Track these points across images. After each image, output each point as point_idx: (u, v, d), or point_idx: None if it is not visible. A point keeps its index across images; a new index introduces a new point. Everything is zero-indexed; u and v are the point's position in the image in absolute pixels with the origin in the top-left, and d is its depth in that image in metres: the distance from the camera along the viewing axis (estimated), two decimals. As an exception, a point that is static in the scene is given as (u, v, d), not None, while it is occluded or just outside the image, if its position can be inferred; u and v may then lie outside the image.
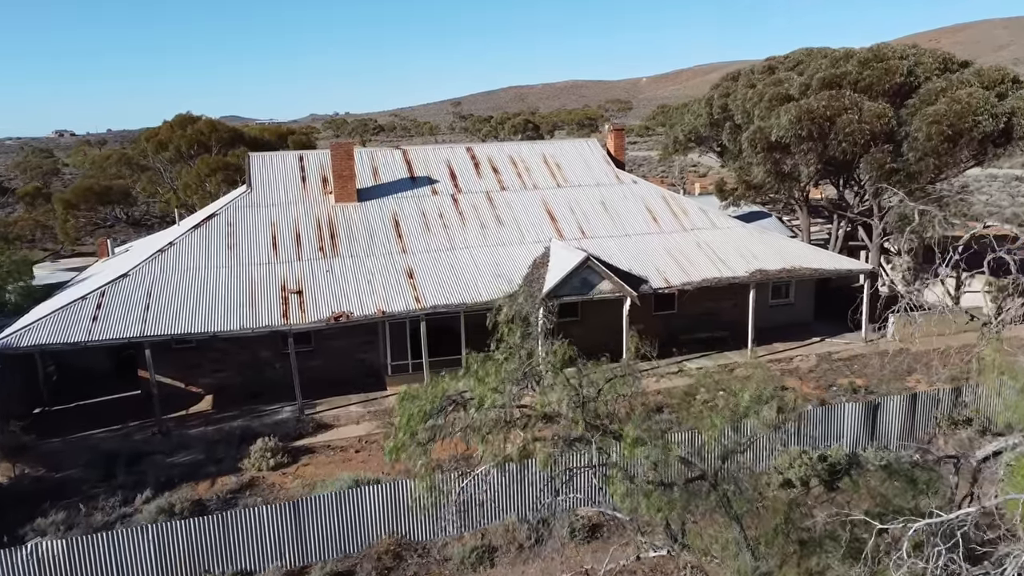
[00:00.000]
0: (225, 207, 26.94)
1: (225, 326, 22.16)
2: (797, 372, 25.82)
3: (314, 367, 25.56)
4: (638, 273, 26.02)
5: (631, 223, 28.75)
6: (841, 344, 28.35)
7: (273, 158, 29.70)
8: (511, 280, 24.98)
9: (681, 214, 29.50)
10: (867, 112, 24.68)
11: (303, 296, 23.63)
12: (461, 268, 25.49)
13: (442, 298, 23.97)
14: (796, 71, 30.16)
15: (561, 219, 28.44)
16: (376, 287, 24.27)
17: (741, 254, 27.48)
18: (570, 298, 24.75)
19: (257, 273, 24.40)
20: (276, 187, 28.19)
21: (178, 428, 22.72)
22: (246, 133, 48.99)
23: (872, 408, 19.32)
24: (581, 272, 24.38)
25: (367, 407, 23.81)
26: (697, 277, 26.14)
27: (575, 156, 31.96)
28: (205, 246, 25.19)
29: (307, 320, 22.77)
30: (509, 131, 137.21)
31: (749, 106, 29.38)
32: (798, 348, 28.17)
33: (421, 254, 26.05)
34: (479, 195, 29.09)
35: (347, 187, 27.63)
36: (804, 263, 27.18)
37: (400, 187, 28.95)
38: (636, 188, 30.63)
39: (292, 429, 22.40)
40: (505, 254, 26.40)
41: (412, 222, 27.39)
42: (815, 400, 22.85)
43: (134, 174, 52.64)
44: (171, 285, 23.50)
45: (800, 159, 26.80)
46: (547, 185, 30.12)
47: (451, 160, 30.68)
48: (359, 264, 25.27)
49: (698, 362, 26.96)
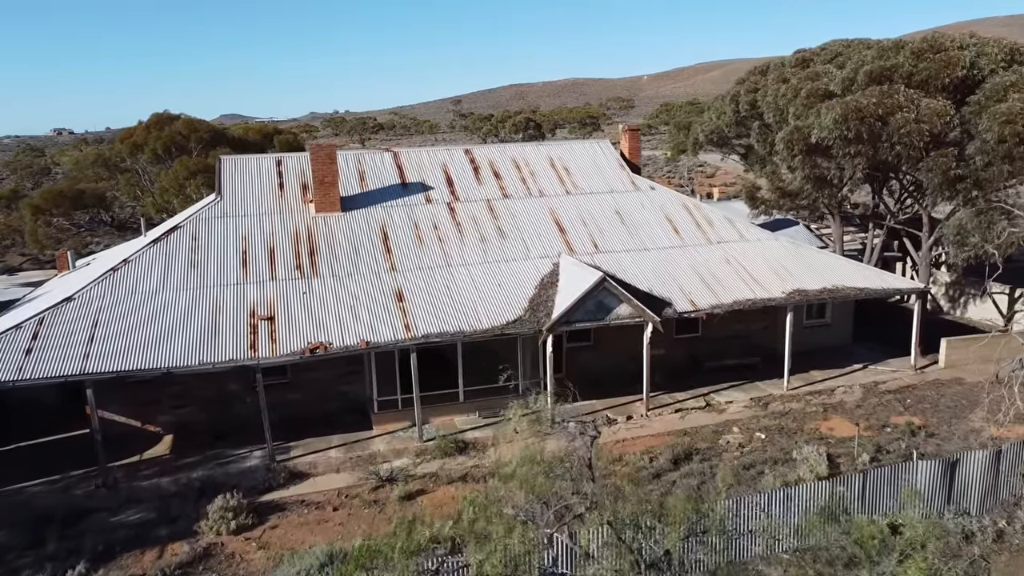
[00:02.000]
0: (190, 218, 23.72)
1: (181, 360, 18.95)
2: (842, 407, 22.60)
3: (290, 402, 22.37)
4: (660, 294, 22.80)
5: (650, 235, 25.53)
6: (887, 372, 25.12)
7: (247, 162, 26.47)
8: (515, 303, 21.77)
9: (706, 225, 26.27)
10: (925, 110, 21.44)
11: (275, 323, 20.41)
12: (458, 289, 22.27)
13: (436, 325, 20.76)
14: (834, 64, 26.90)
15: (571, 231, 25.22)
16: (360, 312, 21.05)
17: (775, 271, 24.25)
18: (583, 324, 21.55)
19: (223, 296, 21.18)
20: (249, 195, 24.96)
21: (128, 478, 19.52)
22: (228, 133, 45.77)
23: (950, 466, 16.10)
24: (596, 294, 21.17)
25: (349, 451, 20.61)
26: (727, 299, 22.91)
27: (585, 159, 28.72)
28: (164, 264, 21.97)
29: (278, 353, 19.56)
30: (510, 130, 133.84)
31: (782, 103, 26.14)
32: (839, 377, 24.95)
33: (412, 272, 22.82)
34: (479, 203, 25.87)
35: (329, 195, 24.40)
36: (847, 282, 23.95)
37: (390, 194, 25.73)
38: (654, 195, 27.40)
39: (261, 480, 19.21)
40: (508, 272, 23.18)
41: (403, 235, 24.17)
42: (868, 444, 19.65)
43: (112, 176, 49.45)
44: (121, 311, 20.28)
45: (846, 163, 23.53)
46: (555, 192, 26.90)
47: (448, 164, 27.46)
48: (341, 285, 22.06)
49: (727, 394, 23.76)
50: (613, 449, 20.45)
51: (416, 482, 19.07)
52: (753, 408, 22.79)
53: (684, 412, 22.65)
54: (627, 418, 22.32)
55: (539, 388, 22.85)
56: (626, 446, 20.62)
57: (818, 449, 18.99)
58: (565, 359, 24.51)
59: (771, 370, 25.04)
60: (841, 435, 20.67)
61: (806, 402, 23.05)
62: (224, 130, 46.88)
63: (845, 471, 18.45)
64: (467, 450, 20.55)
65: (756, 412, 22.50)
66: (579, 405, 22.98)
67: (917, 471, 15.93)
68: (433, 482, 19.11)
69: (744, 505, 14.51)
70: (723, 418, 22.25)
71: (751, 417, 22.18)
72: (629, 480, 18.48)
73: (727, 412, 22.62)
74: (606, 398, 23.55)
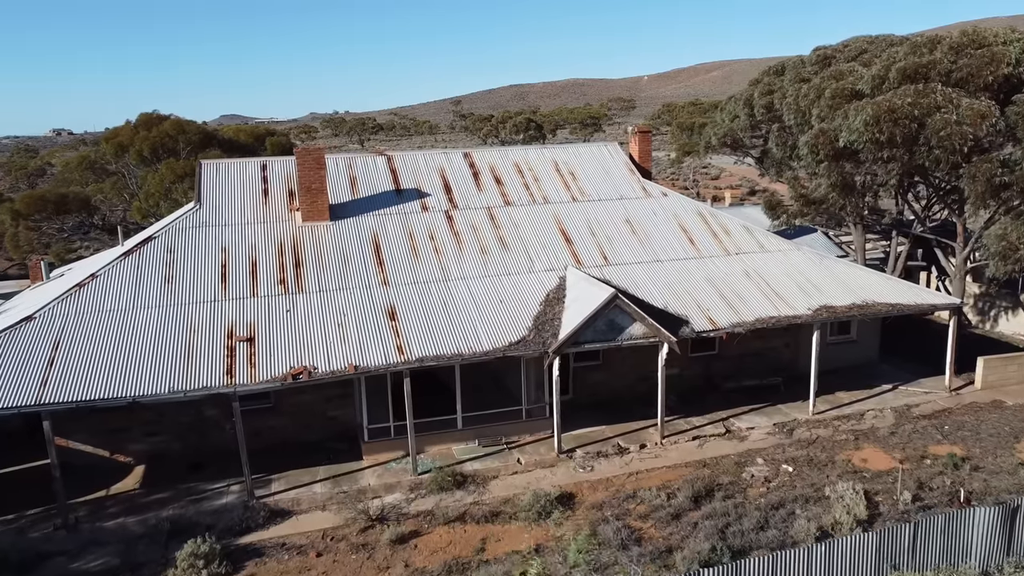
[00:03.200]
0: (165, 228, 21.89)
1: (150, 388, 17.12)
2: (874, 435, 20.76)
3: (273, 428, 20.59)
4: (675, 311, 20.98)
5: (663, 245, 23.70)
6: (919, 394, 23.29)
7: (230, 167, 24.64)
8: (518, 321, 19.94)
9: (722, 234, 24.44)
10: (966, 111, 19.60)
11: (254, 345, 18.58)
12: (456, 305, 20.45)
13: (432, 346, 18.93)
14: (858, 62, 25.10)
15: (578, 241, 23.39)
16: (348, 332, 19.22)
17: (799, 285, 22.42)
18: (593, 345, 19.71)
19: (199, 314, 19.35)
20: (231, 202, 23.13)
21: (92, 517, 17.69)
22: (219, 134, 43.93)
23: (1010, 512, 14.27)
24: (607, 313, 19.34)
25: (336, 486, 18.78)
26: (749, 316, 21.08)
27: (593, 163, 26.90)
28: (135, 279, 20.14)
29: (257, 378, 17.72)
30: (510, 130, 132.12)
31: (804, 104, 24.34)
32: (867, 399, 23.12)
33: (406, 287, 21.00)
34: (479, 211, 24.04)
35: (317, 203, 22.57)
36: (878, 297, 22.12)
37: (383, 202, 23.90)
38: (667, 202, 25.56)
39: (238, 519, 17.38)
40: (511, 286, 21.36)
41: (396, 246, 22.35)
42: (908, 479, 17.82)
43: (99, 179, 47.61)
44: (86, 331, 18.45)
45: (878, 169, 21.70)
46: (560, 199, 25.07)
47: (445, 168, 25.63)
48: (328, 301, 20.23)
49: (748, 419, 21.93)
50: (626, 483, 18.62)
51: (409, 522, 17.25)
52: (777, 435, 20.95)
53: (702, 439, 20.81)
54: (640, 446, 20.49)
55: (544, 413, 21.11)
56: (640, 480, 18.79)
57: (853, 486, 17.17)
58: (572, 380, 22.71)
59: (794, 391, 23.24)
60: (876, 468, 18.84)
61: (834, 428, 21.21)
62: (214, 131, 45.06)
63: (886, 512, 16.63)
64: (466, 484, 18.73)
65: (780, 440, 20.67)
66: (588, 432, 21.25)
67: (974, 520, 14.09)
68: (428, 522, 17.29)
69: (780, 565, 12.66)
70: (745, 446, 20.42)
71: (775, 446, 20.35)
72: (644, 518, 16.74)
73: (749, 440, 20.79)
74: (616, 422, 21.75)
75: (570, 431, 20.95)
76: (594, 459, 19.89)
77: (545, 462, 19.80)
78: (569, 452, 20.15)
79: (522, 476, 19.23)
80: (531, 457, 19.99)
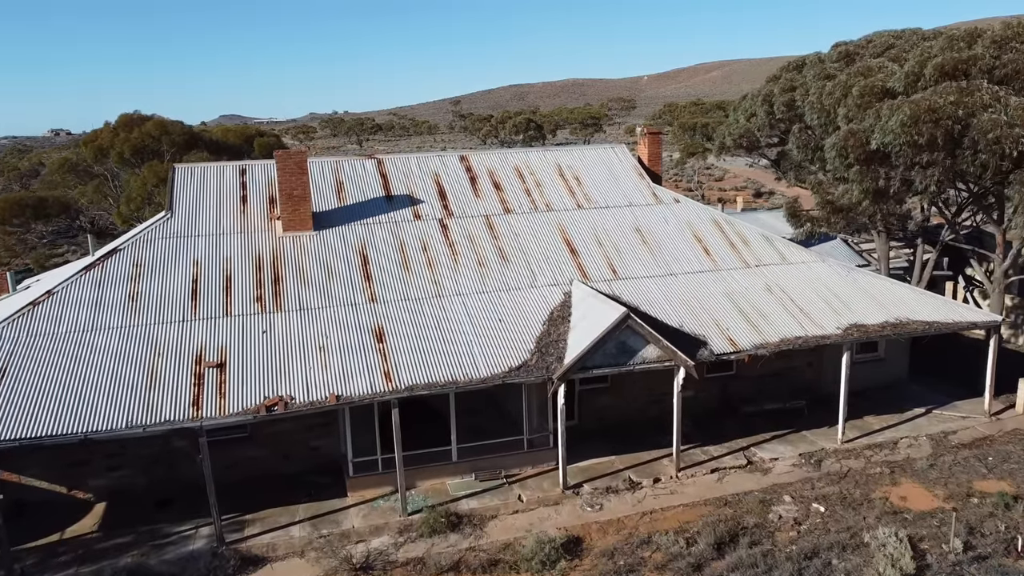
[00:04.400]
0: (132, 240, 19.99)
1: (105, 421, 15.21)
2: (911, 467, 18.85)
3: (249, 460, 18.70)
4: (692, 330, 19.08)
5: (676, 257, 21.80)
6: (956, 419, 21.39)
7: (206, 171, 22.73)
8: (520, 343, 18.05)
9: (740, 244, 22.54)
10: (1016, 111, 17.72)
11: (225, 372, 16.67)
12: (451, 325, 18.55)
13: (423, 372, 17.02)
14: (886, 57, 23.21)
15: (584, 253, 21.49)
16: (331, 356, 17.31)
17: (826, 301, 20.52)
18: (602, 371, 17.80)
19: (165, 337, 17.45)
20: (206, 211, 21.23)
21: (41, 566, 15.76)
22: (205, 136, 42.00)
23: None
24: (618, 334, 17.44)
25: (316, 528, 16.86)
26: (773, 336, 19.18)
27: (599, 167, 24.99)
28: (96, 297, 18.23)
29: (227, 410, 15.82)
30: (510, 130, 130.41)
31: (829, 103, 22.46)
32: (899, 424, 21.22)
33: (396, 304, 19.10)
34: (476, 220, 22.14)
35: (299, 211, 20.67)
36: (912, 314, 20.22)
37: (372, 209, 22.00)
38: (679, 209, 23.65)
39: (205, 569, 15.46)
40: (511, 303, 19.46)
41: (386, 258, 20.44)
42: (956, 521, 15.90)
43: (82, 183, 45.68)
44: (37, 357, 16.55)
45: (916, 175, 19.80)
46: (564, 206, 23.16)
47: (440, 173, 23.72)
48: (310, 321, 18.32)
49: (771, 448, 20.03)
50: (639, 525, 16.72)
51: (397, 571, 15.37)
52: (804, 467, 19.05)
53: (722, 472, 18.91)
54: (654, 480, 18.59)
55: (548, 442, 19.22)
56: (655, 521, 16.88)
57: (896, 532, 15.27)
58: (578, 404, 20.83)
59: (818, 415, 21.37)
60: (918, 507, 16.93)
61: (866, 459, 19.31)
62: (200, 132, 43.11)
63: (935, 564, 14.73)
64: (461, 526, 16.81)
65: (808, 473, 18.77)
66: (595, 463, 19.36)
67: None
68: (418, 571, 15.39)
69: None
70: (769, 481, 18.52)
71: (803, 480, 18.44)
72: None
73: (773, 472, 18.89)
74: (626, 451, 19.88)
75: (576, 462, 19.04)
76: (603, 495, 17.99)
77: (549, 499, 17.90)
78: (575, 487, 18.24)
79: (524, 516, 17.32)
80: (533, 493, 18.08)
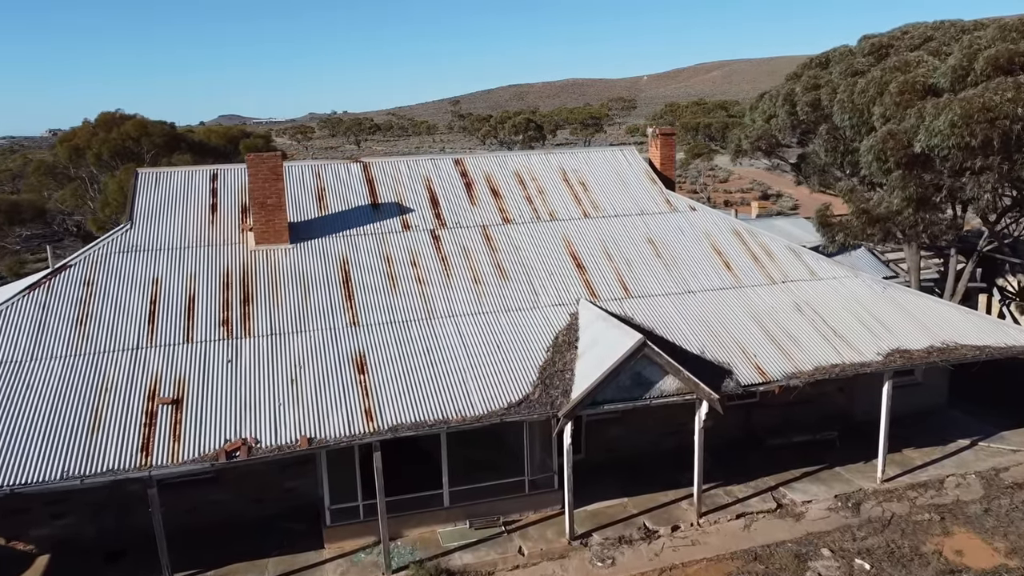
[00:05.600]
0: (84, 255, 17.81)
1: (34, 474, 13.02)
2: (963, 512, 16.68)
3: (214, 504, 16.54)
4: (714, 357, 16.92)
5: (694, 272, 19.64)
6: (1006, 452, 19.24)
7: (172, 177, 20.57)
8: (520, 373, 15.88)
9: (764, 257, 20.38)
10: (1084, 110, 15.61)
11: (182, 409, 14.49)
12: (442, 352, 16.37)
13: (410, 410, 14.85)
14: (925, 50, 21.07)
15: (592, 267, 19.33)
16: (304, 389, 15.14)
17: (863, 322, 18.35)
18: (615, 406, 15.63)
19: (116, 367, 15.28)
20: (170, 221, 19.07)
21: (-35, 638, 13.63)
22: (188, 136, 39.85)
23: None
24: (632, 365, 15.26)
25: (287, 589, 14.72)
26: (807, 364, 17.00)
27: (607, 172, 22.83)
28: (40, 320, 16.06)
29: (181, 456, 13.65)
30: (509, 131, 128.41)
31: (862, 101, 20.31)
32: (942, 459, 19.06)
33: (381, 328, 16.92)
34: (472, 231, 19.97)
35: (273, 221, 18.50)
36: (959, 337, 18.05)
37: (356, 219, 19.84)
38: (696, 217, 21.49)
39: (154, 641, 13.33)
40: (510, 326, 17.29)
41: (370, 275, 18.28)
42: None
43: (60, 185, 43.57)
44: (-36, 393, 14.38)
45: (969, 181, 17.66)
46: (569, 215, 21.00)
47: (432, 178, 21.56)
48: (282, 348, 16.15)
49: (802, 488, 17.86)
50: (658, 585, 14.57)
51: (378, 644, 13.22)
52: (841, 512, 16.87)
53: (749, 518, 16.74)
54: (672, 528, 16.42)
55: (552, 483, 17.06)
56: (676, 580, 14.74)
57: (959, 599, 13.13)
58: (585, 436, 18.67)
59: (852, 447, 19.24)
60: (978, 565, 14.78)
61: (911, 502, 17.13)
62: (183, 133, 40.94)
63: (1008, 642, 12.58)
64: (453, 585, 14.66)
65: (847, 518, 16.60)
66: (605, 507, 17.20)
67: None
68: (403, 645, 13.25)
69: None
70: (803, 528, 16.34)
71: (842, 528, 16.27)
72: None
73: (807, 518, 16.72)
74: (640, 490, 17.74)
75: (583, 505, 16.90)
76: (615, 547, 15.81)
77: (554, 551, 15.72)
78: (583, 537, 16.07)
79: (525, 572, 15.16)
80: (536, 545, 15.90)
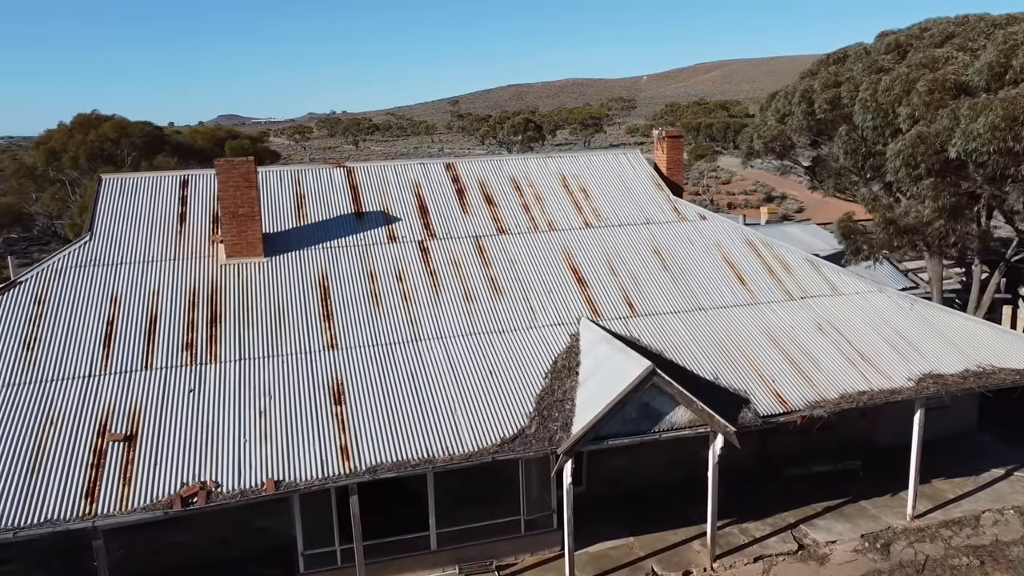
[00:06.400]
0: (37, 270, 16.23)
1: (-37, 525, 11.46)
2: (1003, 555, 15.12)
3: (178, 546, 14.97)
4: (729, 383, 15.35)
5: (705, 286, 18.07)
6: (1045, 484, 17.69)
7: (139, 183, 18.99)
8: (515, 403, 14.30)
9: (781, 270, 18.81)
10: None
11: (135, 447, 12.92)
12: (429, 379, 14.80)
13: (391, 448, 13.28)
14: (951, 46, 19.51)
15: (594, 282, 17.75)
16: (274, 424, 13.57)
17: (891, 343, 16.78)
18: (620, 440, 13.99)
19: (64, 398, 13.70)
20: (134, 232, 17.50)
21: None
22: (170, 138, 38.29)
23: None
24: (640, 395, 13.70)
25: (253, 648, 13.14)
26: (831, 391, 15.43)
27: (609, 177, 21.27)
28: (-19, 345, 14.48)
29: (132, 503, 12.08)
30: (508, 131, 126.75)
31: (887, 100, 18.76)
32: (976, 491, 17.50)
33: (362, 352, 15.35)
34: (463, 242, 18.41)
35: (245, 232, 16.92)
36: (996, 359, 16.47)
37: (337, 229, 18.27)
38: (706, 227, 19.93)
39: None
40: (504, 349, 15.71)
41: (351, 291, 16.70)
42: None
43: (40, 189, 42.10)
44: None
45: (1013, 189, 16.11)
46: (570, 224, 19.44)
47: (421, 184, 20.00)
48: (251, 374, 14.58)
49: (825, 525, 16.28)
50: (669, 644, 12.98)
51: None
52: (869, 553, 15.30)
53: (768, 561, 15.17)
54: (683, 574, 14.85)
55: (551, 523, 15.48)
56: (689, 638, 13.15)
57: (1012, 666, 11.56)
58: (587, 468, 17.09)
59: (876, 478, 17.72)
60: (1027, 621, 13.23)
61: (945, 543, 15.57)
62: (165, 134, 39.37)
63: None
64: (440, 644, 13.08)
65: (876, 562, 15.03)
66: (609, 548, 15.62)
67: None
68: None
69: None
70: (828, 573, 14.77)
71: (871, 573, 14.71)
72: None
73: (832, 562, 15.14)
74: (647, 528, 16.17)
75: (585, 546, 15.35)
76: (621, 597, 14.26)
77: (552, 602, 14.17)
78: (586, 585, 14.51)
79: (520, 628, 13.60)
80: (533, 594, 14.35)
